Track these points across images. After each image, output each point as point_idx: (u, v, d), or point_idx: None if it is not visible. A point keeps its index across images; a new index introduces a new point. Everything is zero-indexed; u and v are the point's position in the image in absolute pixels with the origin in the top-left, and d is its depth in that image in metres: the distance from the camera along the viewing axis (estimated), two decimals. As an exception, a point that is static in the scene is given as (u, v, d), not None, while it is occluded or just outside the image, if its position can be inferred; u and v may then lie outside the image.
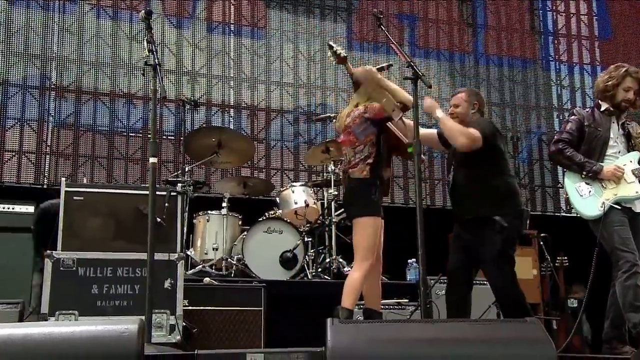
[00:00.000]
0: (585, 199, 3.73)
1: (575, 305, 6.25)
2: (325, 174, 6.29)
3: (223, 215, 5.43)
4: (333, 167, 5.83)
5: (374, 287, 3.59)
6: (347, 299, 3.44)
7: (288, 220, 5.45)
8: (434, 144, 4.04)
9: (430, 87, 3.33)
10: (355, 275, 3.49)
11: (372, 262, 3.52)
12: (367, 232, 3.48)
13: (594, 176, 3.74)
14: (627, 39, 8.70)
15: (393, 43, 3.46)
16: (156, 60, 3.20)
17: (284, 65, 7.59)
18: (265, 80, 7.50)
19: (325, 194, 6.01)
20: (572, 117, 3.95)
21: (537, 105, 8.46)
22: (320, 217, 5.70)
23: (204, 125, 6.99)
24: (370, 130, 3.58)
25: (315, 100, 7.65)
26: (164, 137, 6.93)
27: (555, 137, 3.96)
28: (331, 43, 3.44)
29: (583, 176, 3.76)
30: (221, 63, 7.36)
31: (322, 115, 6.61)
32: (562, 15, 8.87)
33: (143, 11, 3.36)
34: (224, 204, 5.48)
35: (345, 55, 3.46)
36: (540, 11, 8.85)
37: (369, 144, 3.58)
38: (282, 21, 7.69)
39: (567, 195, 3.80)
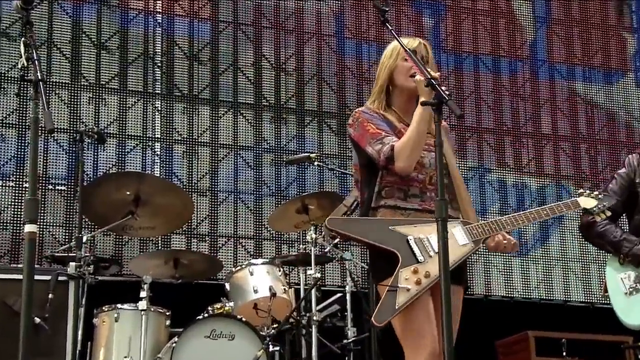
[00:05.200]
0: (630, 299, 3.80)
1: None
2: (302, 245, 6.25)
3: (141, 310, 5.38)
4: (314, 235, 5.83)
5: None
6: None
7: (244, 319, 5.41)
8: None
9: (461, 117, 3.38)
10: None
11: (430, 351, 3.50)
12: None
13: (636, 261, 3.82)
14: None
15: (405, 48, 3.52)
16: (39, 74, 3.21)
17: (239, 76, 7.67)
18: (210, 99, 7.55)
19: (301, 276, 5.99)
20: (621, 170, 4.06)
21: (629, 140, 8.59)
22: (294, 313, 5.68)
23: (113, 170, 6.99)
24: None
25: (287, 131, 7.71)
26: (50, 187, 6.92)
27: None
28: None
29: (621, 262, 3.85)
30: (142, 73, 7.43)
31: (297, 156, 6.63)
32: (665, 4, 9.11)
33: (19, -3, 3.36)
34: (143, 294, 5.43)
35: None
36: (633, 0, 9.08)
37: None
38: (237, 10, 7.80)
39: (605, 290, 3.88)
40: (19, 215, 6.72)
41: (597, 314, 7.96)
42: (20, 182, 6.83)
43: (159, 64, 7.51)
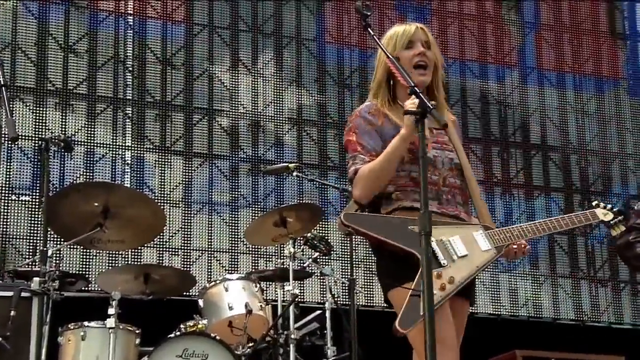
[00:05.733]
0: None
1: None
2: (279, 259, 6.24)
3: (109, 328, 5.33)
4: (292, 249, 5.83)
5: None
6: None
7: (218, 338, 5.38)
8: None
9: (445, 126, 3.34)
10: None
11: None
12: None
13: None
14: None
15: (388, 55, 3.46)
16: (2, 78, 3.18)
17: (215, 82, 7.64)
18: (184, 105, 7.52)
19: (279, 292, 5.96)
20: None
21: (621, 151, 8.61)
22: (271, 331, 5.66)
23: (80, 180, 6.95)
24: None
25: (265, 139, 7.69)
26: (14, 198, 6.87)
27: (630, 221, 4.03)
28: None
29: None
30: (112, 78, 7.38)
31: (275, 165, 6.63)
32: (659, 9, 9.15)
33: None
34: (111, 311, 5.39)
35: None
36: (625, 2, 9.11)
37: None
38: (212, 13, 7.77)
39: None
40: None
41: (588, 332, 7.97)
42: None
43: (130, 69, 7.48)
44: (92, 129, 7.23)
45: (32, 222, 6.83)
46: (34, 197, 6.87)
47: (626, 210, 3.95)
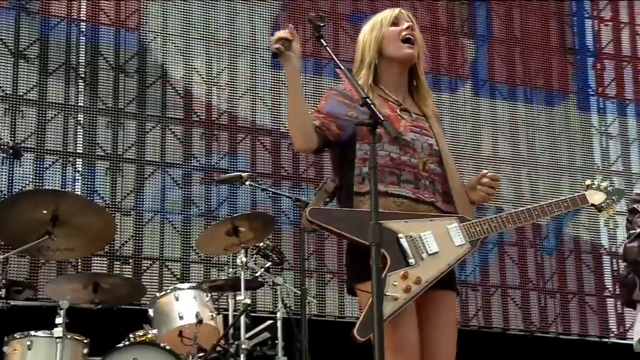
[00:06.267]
0: None
1: None
2: (231, 269, 6.23)
3: (56, 338, 5.26)
4: (244, 259, 5.82)
5: None
6: None
7: (168, 347, 5.37)
8: None
9: (396, 137, 3.31)
10: None
11: None
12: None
13: None
14: None
15: (340, 67, 3.40)
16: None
17: (168, 90, 7.60)
18: (137, 113, 7.47)
19: (230, 302, 5.97)
20: None
21: (570, 165, 8.70)
22: (222, 341, 5.67)
23: (29, 188, 6.87)
24: None
25: (218, 148, 7.66)
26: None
27: None
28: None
29: None
30: (63, 84, 7.30)
31: (228, 175, 6.60)
32: (607, 25, 9.24)
33: None
34: (59, 320, 5.32)
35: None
36: (575, 18, 9.22)
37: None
38: (166, 19, 7.73)
39: None
40: None
41: (537, 343, 8.03)
42: None
43: (82, 75, 7.41)
44: (42, 136, 7.15)
45: (-21, 230, 6.75)
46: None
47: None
